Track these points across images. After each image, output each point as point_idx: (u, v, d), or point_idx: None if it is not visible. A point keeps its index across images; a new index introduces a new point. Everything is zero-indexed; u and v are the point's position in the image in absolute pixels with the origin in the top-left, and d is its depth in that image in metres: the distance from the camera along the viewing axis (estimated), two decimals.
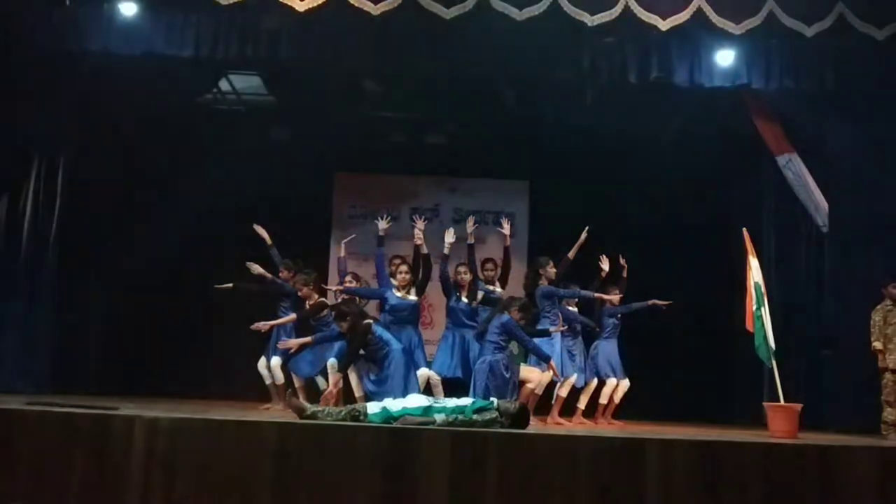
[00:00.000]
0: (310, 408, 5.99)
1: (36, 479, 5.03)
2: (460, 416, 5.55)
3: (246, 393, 10.72)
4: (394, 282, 7.94)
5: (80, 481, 5.01)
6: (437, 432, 5.19)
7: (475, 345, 7.50)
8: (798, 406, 6.75)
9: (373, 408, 5.85)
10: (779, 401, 6.89)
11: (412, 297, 7.82)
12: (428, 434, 5.14)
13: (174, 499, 4.96)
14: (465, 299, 7.88)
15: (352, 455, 5.01)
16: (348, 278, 8.44)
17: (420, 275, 7.87)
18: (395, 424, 5.44)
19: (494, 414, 5.59)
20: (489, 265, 8.33)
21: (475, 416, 5.55)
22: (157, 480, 4.98)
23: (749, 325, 7.35)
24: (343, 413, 5.78)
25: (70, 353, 9.57)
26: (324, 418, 5.76)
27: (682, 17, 7.71)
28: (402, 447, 5.03)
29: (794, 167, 9.10)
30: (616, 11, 7.66)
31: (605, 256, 8.67)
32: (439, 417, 5.55)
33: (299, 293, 8.12)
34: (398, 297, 7.79)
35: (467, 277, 7.90)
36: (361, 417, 5.71)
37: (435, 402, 5.87)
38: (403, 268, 7.91)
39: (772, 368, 7.12)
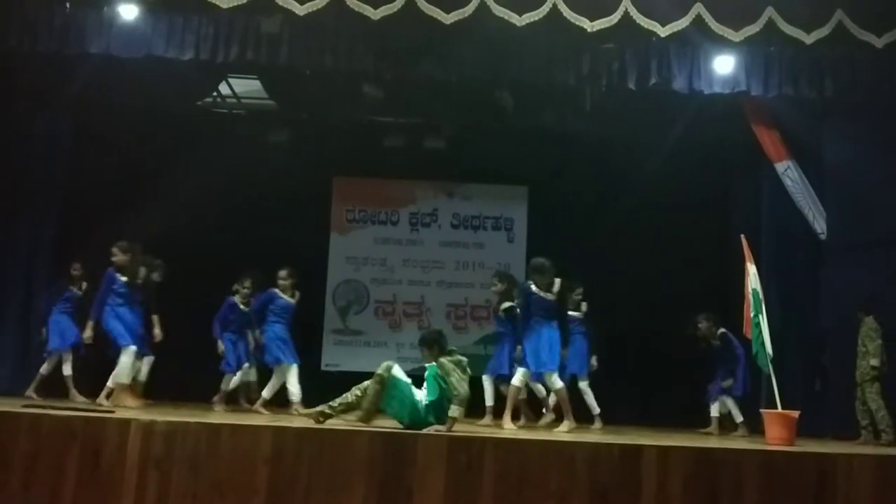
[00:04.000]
0: (322, 409, 6.11)
1: (31, 481, 5.01)
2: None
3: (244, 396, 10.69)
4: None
5: (75, 484, 5.00)
6: (432, 437, 5.18)
7: None
8: (795, 413, 6.74)
9: (399, 373, 6.01)
10: (776, 407, 6.88)
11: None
12: (423, 439, 5.13)
13: (168, 502, 4.94)
14: None
15: (347, 459, 5.00)
16: None
17: None
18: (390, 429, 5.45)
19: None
20: None
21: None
22: (153, 484, 4.97)
23: (747, 332, 7.34)
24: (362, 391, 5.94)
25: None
26: (340, 409, 5.98)
27: (682, 23, 7.71)
28: (397, 452, 5.02)
29: (793, 174, 9.11)
30: (616, 17, 7.66)
31: None
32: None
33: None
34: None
35: None
36: (386, 375, 5.89)
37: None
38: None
39: (769, 375, 7.12)
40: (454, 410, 5.67)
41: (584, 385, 8.56)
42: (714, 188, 10.75)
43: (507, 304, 8.21)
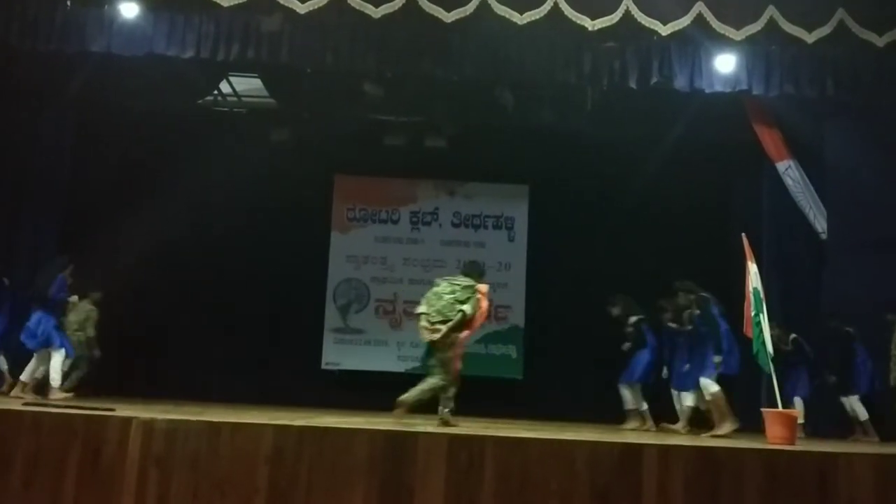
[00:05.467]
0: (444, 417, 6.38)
1: (32, 480, 5.01)
2: None
3: (245, 395, 10.70)
4: None
5: (76, 482, 4.99)
6: (433, 436, 5.18)
7: None
8: (796, 412, 6.73)
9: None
10: (777, 407, 6.88)
11: None
12: (424, 437, 5.12)
13: (169, 500, 4.94)
14: None
15: (348, 458, 5.00)
16: None
17: None
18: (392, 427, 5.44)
19: None
20: None
21: None
22: (153, 482, 4.97)
23: (747, 331, 7.33)
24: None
25: None
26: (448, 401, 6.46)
27: (683, 22, 7.70)
28: (398, 451, 5.02)
29: (794, 174, 9.11)
30: (617, 16, 7.66)
31: None
32: None
33: None
34: None
35: None
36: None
37: None
38: None
39: (770, 374, 7.11)
40: None
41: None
42: (715, 187, 10.75)
43: (634, 318, 8.59)
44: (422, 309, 6.68)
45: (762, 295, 7.31)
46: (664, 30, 7.75)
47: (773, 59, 8.16)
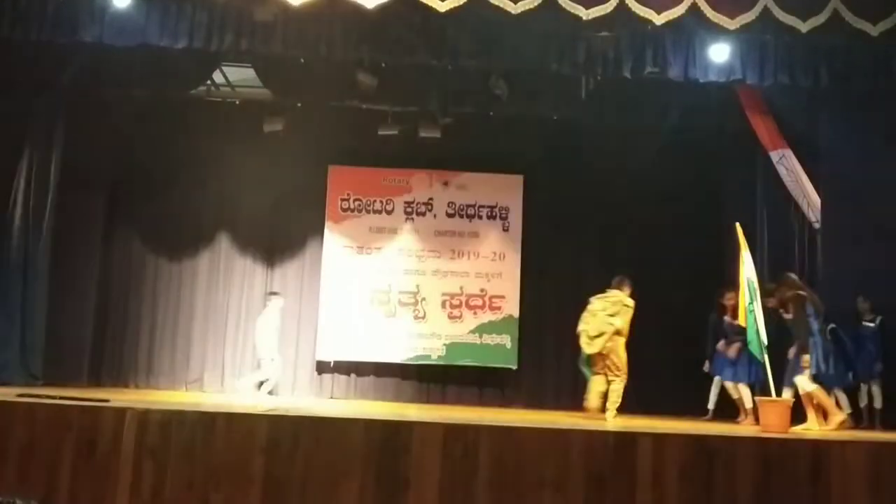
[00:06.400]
0: None
1: (26, 470, 5.01)
2: None
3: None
4: None
5: (70, 474, 5.00)
6: (428, 425, 5.19)
7: None
8: (790, 401, 6.76)
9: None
10: (770, 395, 6.91)
11: None
12: (419, 427, 5.13)
13: (164, 490, 4.95)
14: None
15: (343, 448, 5.01)
16: None
17: None
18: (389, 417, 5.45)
19: None
20: None
21: None
22: (148, 473, 4.97)
23: (741, 320, 7.36)
24: None
25: (61, 345, 9.55)
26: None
27: (677, 11, 7.68)
28: (393, 440, 5.03)
29: (788, 163, 9.11)
30: (611, 5, 7.63)
31: None
32: None
33: None
34: None
35: None
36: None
37: None
38: None
39: (763, 363, 7.14)
40: None
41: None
42: (709, 176, 10.76)
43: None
44: (581, 327, 8.06)
45: (756, 284, 7.34)
46: (658, 19, 7.72)
47: (768, 48, 8.15)
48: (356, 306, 10.93)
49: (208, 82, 10.42)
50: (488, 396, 10.99)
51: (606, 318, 7.89)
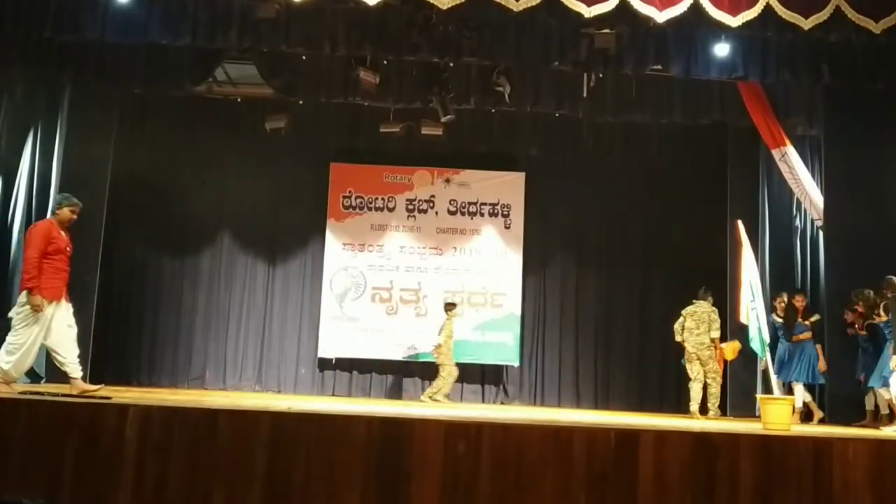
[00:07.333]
0: None
1: (28, 468, 5.01)
2: None
3: (241, 383, 10.72)
4: None
5: (73, 471, 4.99)
6: (430, 422, 5.19)
7: None
8: (792, 399, 6.76)
9: None
10: (772, 393, 6.91)
11: None
12: (420, 423, 5.13)
13: (167, 487, 4.94)
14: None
15: (346, 444, 5.00)
16: None
17: None
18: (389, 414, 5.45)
19: None
20: None
21: None
22: (151, 469, 4.97)
23: (742, 318, 7.36)
24: None
25: None
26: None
27: (679, 8, 7.65)
28: (395, 437, 5.03)
29: (790, 160, 9.10)
30: (613, 3, 7.60)
31: None
32: None
33: None
34: None
35: None
36: None
37: None
38: None
39: (765, 361, 7.14)
40: None
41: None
42: (712, 174, 10.75)
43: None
44: (687, 346, 8.90)
45: (757, 282, 7.34)
46: (660, 16, 7.70)
47: (770, 45, 8.15)
48: (358, 303, 10.95)
49: (210, 79, 10.41)
50: (490, 393, 11.01)
51: (702, 335, 8.80)
